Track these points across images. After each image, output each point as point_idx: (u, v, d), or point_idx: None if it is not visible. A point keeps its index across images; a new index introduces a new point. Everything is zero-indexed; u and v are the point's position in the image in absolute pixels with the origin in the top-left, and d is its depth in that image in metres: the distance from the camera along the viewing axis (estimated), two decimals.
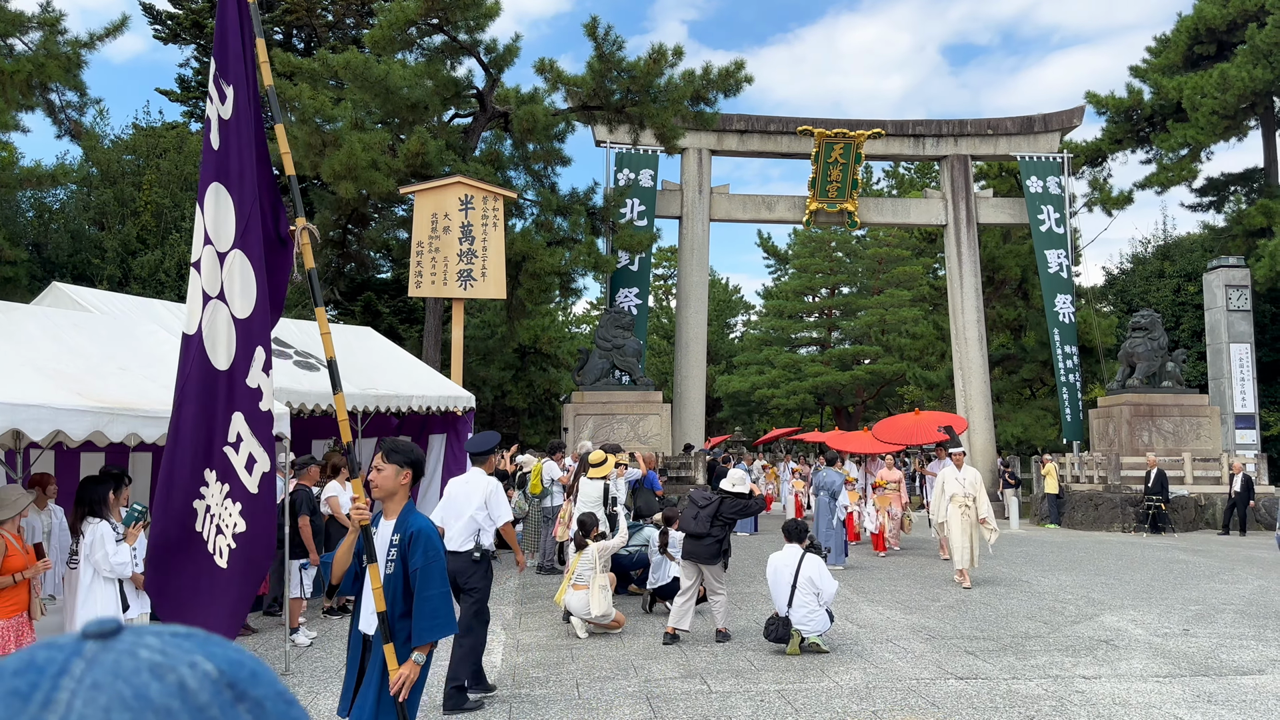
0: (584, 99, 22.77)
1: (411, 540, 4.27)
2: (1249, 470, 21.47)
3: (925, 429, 17.36)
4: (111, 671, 0.61)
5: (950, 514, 12.74)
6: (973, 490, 12.77)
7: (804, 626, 8.43)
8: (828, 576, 8.65)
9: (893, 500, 16.43)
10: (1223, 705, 6.78)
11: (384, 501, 4.45)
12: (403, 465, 4.37)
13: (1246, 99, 27.80)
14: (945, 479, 13.22)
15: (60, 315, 8.14)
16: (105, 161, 21.67)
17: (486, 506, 7.16)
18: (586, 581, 9.37)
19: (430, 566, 4.22)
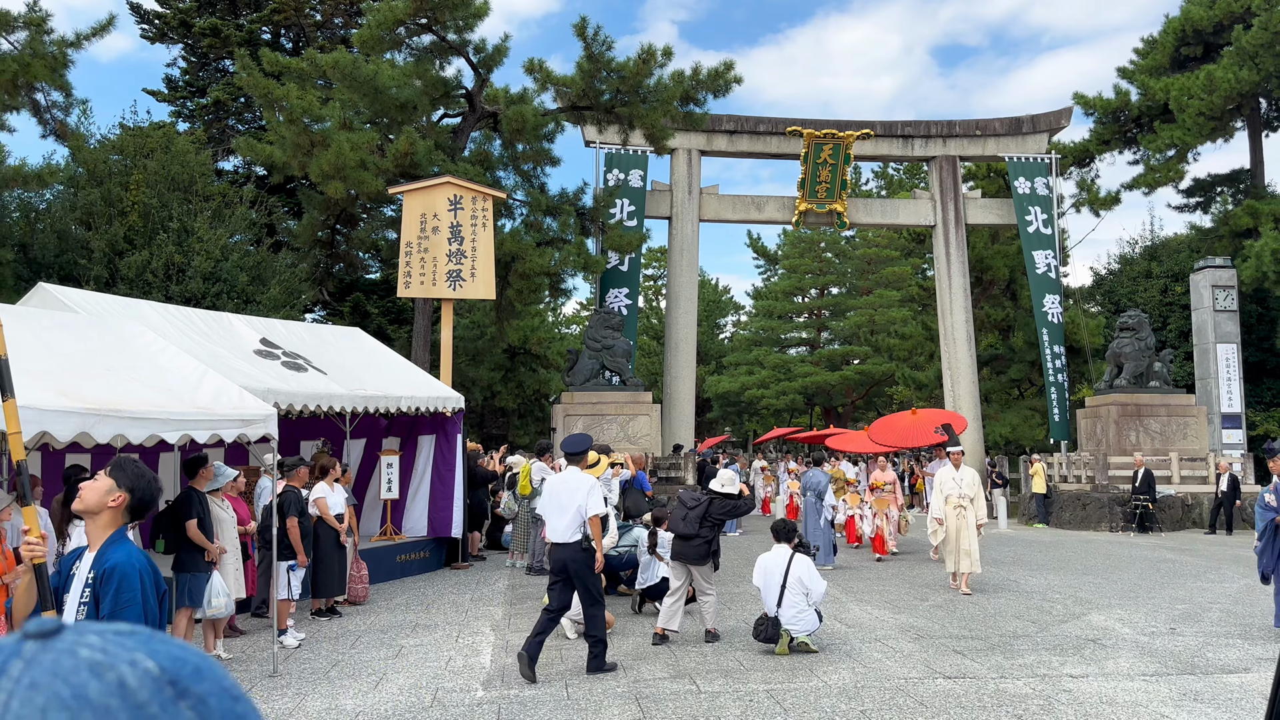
0: (573, 99, 22.75)
1: (104, 579, 3.37)
2: (1235, 470, 21.58)
3: (923, 429, 16.91)
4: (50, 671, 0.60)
5: (946, 515, 12.31)
6: (970, 491, 12.30)
7: (793, 626, 8.41)
8: (816, 576, 8.63)
9: (889, 502, 16.00)
10: (1209, 704, 6.81)
11: (87, 523, 3.60)
12: (120, 486, 3.52)
13: (1233, 100, 27.96)
14: (942, 480, 12.69)
15: (46, 316, 8.10)
16: (92, 162, 21.51)
17: (587, 498, 7.82)
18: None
19: (118, 615, 3.30)
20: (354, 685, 7.58)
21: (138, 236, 20.69)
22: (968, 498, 12.23)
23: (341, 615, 10.59)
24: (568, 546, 7.73)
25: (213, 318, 11.96)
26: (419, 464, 14.49)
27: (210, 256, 20.32)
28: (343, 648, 8.99)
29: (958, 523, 12.09)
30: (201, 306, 19.59)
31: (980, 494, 12.42)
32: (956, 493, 12.32)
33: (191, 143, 23.76)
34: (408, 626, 10.00)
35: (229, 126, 30.25)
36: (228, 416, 7.57)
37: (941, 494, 12.54)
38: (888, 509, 15.80)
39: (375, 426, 14.75)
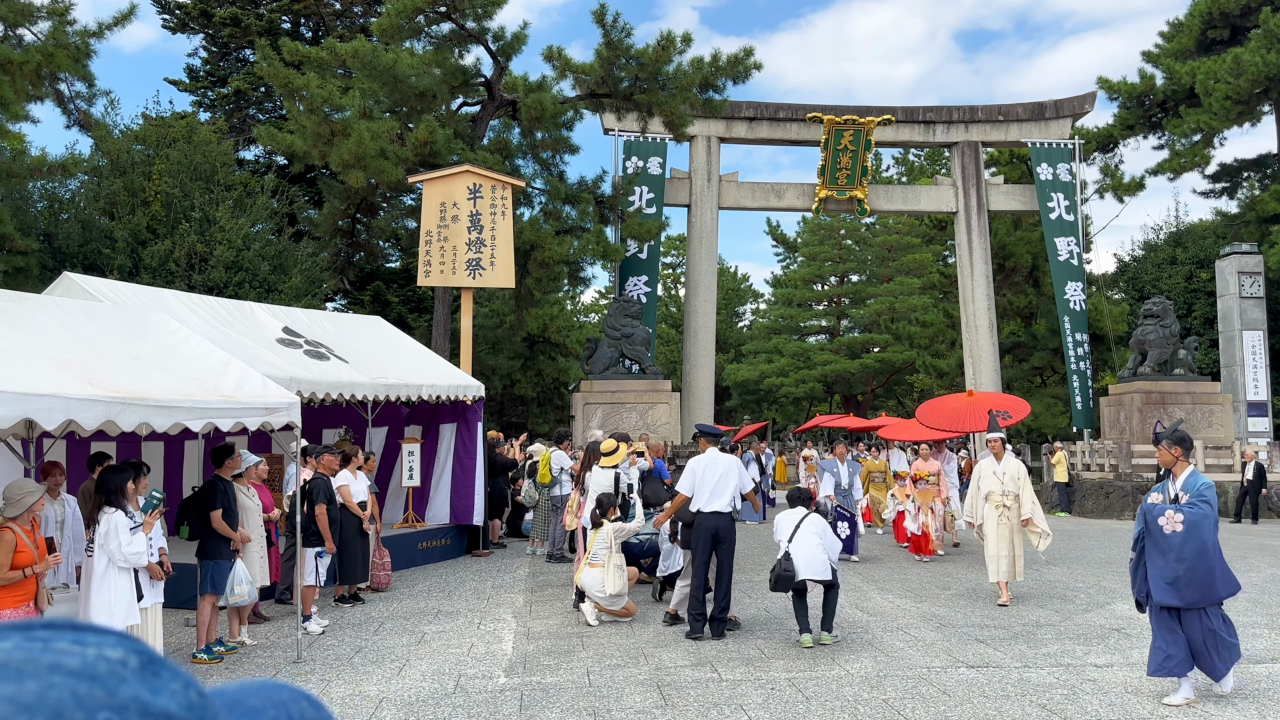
0: (592, 87, 22.70)
1: None
2: (1261, 458, 21.37)
3: (979, 413, 14.74)
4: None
5: (986, 516, 10.66)
6: (1014, 487, 10.62)
7: (807, 569, 8.28)
8: (830, 535, 8.67)
9: (933, 495, 14.19)
10: (1235, 694, 6.75)
11: None
12: None
13: (1260, 84, 27.57)
14: (981, 473, 11.02)
15: (71, 305, 8.16)
16: (115, 152, 21.68)
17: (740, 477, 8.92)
18: (601, 560, 9.43)
19: None
20: (377, 671, 7.63)
21: (160, 226, 20.85)
22: (1012, 495, 10.60)
23: (365, 602, 10.66)
24: (722, 515, 8.71)
25: (235, 306, 12.03)
26: (440, 452, 14.55)
27: (232, 246, 20.45)
28: (366, 634, 9.05)
29: (1000, 525, 10.53)
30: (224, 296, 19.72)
31: (1027, 488, 10.66)
32: (999, 489, 10.66)
33: (213, 132, 23.90)
34: (430, 613, 10.05)
35: (250, 116, 30.38)
36: (251, 405, 7.61)
37: (980, 491, 10.90)
38: (932, 502, 14.07)
39: (397, 415, 14.81)
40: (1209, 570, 6.17)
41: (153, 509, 6.97)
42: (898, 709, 6.46)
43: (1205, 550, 6.16)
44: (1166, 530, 6.20)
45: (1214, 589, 6.24)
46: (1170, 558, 6.25)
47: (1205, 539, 6.16)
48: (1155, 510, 6.41)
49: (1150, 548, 6.42)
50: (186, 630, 9.08)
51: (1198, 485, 6.38)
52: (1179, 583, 6.22)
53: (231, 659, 8.12)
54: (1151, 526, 6.40)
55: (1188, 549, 6.14)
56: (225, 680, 7.36)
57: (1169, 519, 6.17)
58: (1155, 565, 6.38)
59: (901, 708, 6.48)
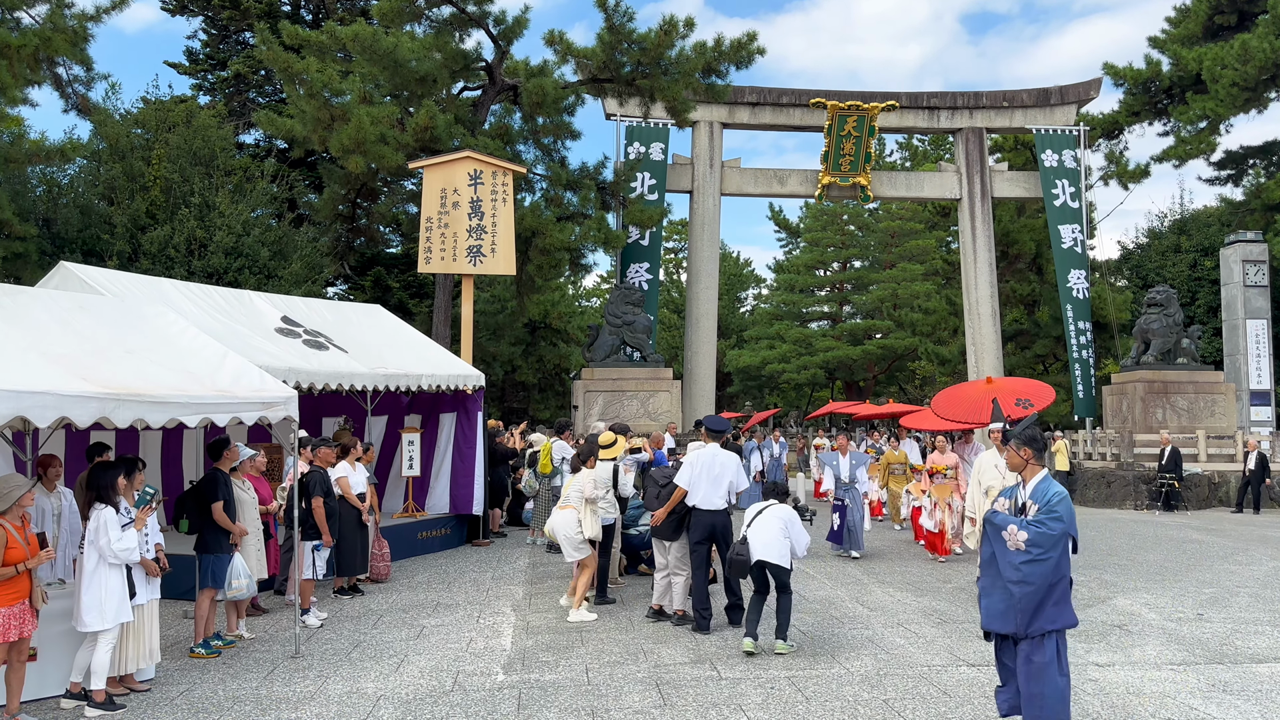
0: (594, 71, 22.52)
1: None
2: (1264, 448, 21.30)
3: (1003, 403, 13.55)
4: None
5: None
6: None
7: (764, 553, 7.94)
8: (800, 528, 8.27)
9: (951, 490, 13.37)
10: (1238, 695, 6.71)
11: None
12: None
13: (1268, 70, 27.32)
14: (982, 466, 10.50)
15: (66, 298, 8.09)
16: (114, 136, 21.56)
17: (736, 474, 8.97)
18: (573, 502, 9.56)
19: None
20: (375, 667, 7.60)
21: (160, 211, 20.76)
22: None
23: (364, 594, 10.63)
24: (718, 513, 8.82)
25: (234, 296, 11.96)
26: (440, 442, 14.50)
27: (232, 231, 20.36)
28: (364, 628, 9.02)
29: None
30: (223, 281, 19.66)
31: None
32: (1000, 483, 9.95)
33: (212, 116, 23.75)
34: (429, 606, 10.02)
35: (249, 100, 30.21)
36: (248, 399, 7.55)
37: (980, 485, 10.37)
38: (950, 498, 13.25)
39: (397, 404, 14.76)
40: (1047, 596, 5.38)
41: (145, 504, 6.91)
42: (898, 710, 6.42)
43: (1049, 575, 5.36)
44: (1010, 546, 5.40)
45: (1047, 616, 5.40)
46: (1010, 577, 5.42)
47: (1051, 562, 5.37)
48: (999, 519, 5.57)
49: (987, 563, 5.63)
50: (184, 623, 9.05)
51: (1049, 496, 5.51)
52: (1012, 608, 5.42)
53: (229, 653, 8.09)
54: (993, 537, 5.58)
55: (1032, 570, 5.35)
56: (224, 674, 7.35)
57: (1012, 535, 5.39)
58: (989, 580, 5.60)
59: (902, 709, 6.45)
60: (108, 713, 6.46)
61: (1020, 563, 5.36)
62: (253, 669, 7.59)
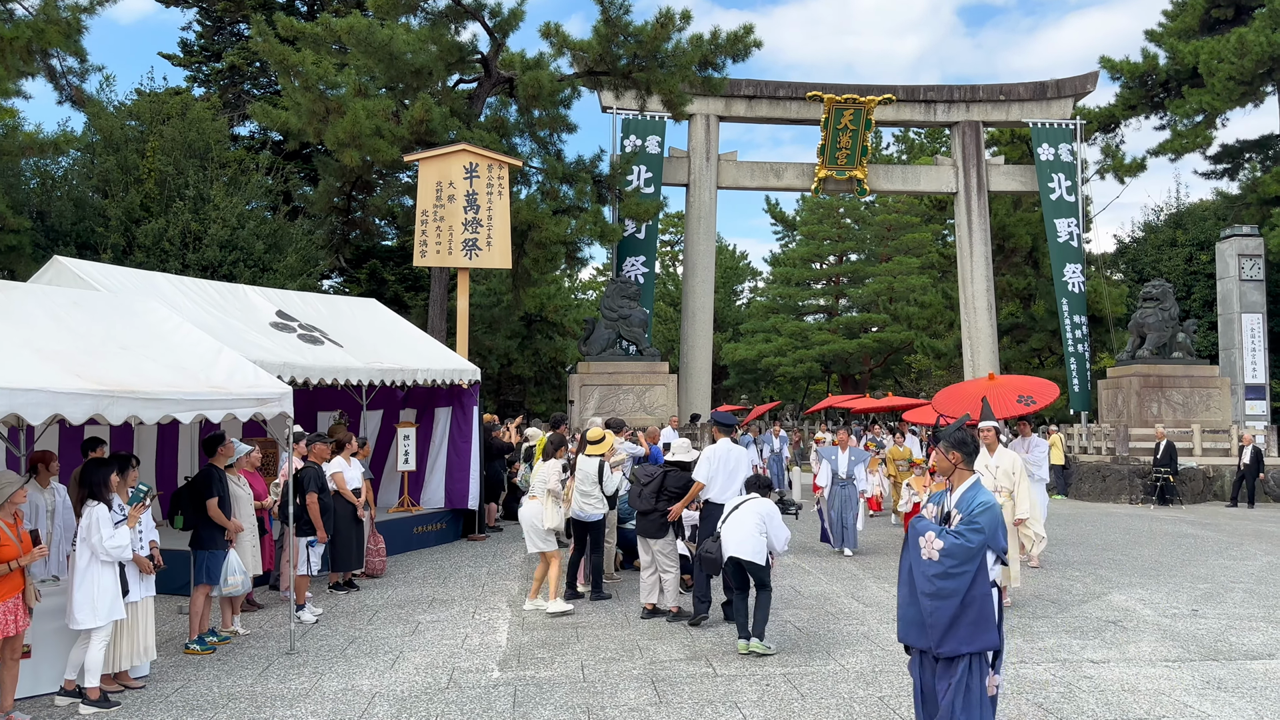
0: (590, 64, 22.46)
1: None
2: (1259, 442, 21.36)
3: (1003, 399, 13.25)
4: None
5: None
6: (1006, 482, 9.77)
7: (739, 550, 7.74)
8: (779, 524, 8.01)
9: None
10: (1232, 692, 6.73)
11: None
12: None
13: (1264, 64, 27.32)
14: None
15: (60, 294, 8.04)
16: (108, 128, 21.44)
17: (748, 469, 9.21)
18: (537, 493, 9.60)
19: None
20: (371, 664, 7.59)
21: (154, 204, 20.66)
22: (1004, 489, 9.78)
23: (359, 589, 10.62)
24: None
25: (229, 290, 11.92)
26: (436, 436, 14.48)
27: (227, 224, 20.28)
28: (360, 623, 9.01)
29: None
30: (218, 275, 19.60)
31: (1024, 484, 9.88)
32: (991, 484, 9.55)
33: (207, 109, 23.64)
34: (425, 601, 10.01)
35: (244, 91, 30.09)
36: (242, 395, 7.52)
37: None
38: None
39: (392, 398, 14.74)
40: (961, 614, 4.88)
41: (138, 501, 6.89)
42: (893, 707, 6.42)
43: (962, 590, 4.87)
44: (924, 554, 4.96)
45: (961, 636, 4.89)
46: (923, 589, 4.97)
47: (966, 576, 4.87)
48: (920, 526, 5.12)
49: (904, 571, 5.16)
50: (179, 619, 9.03)
51: (973, 505, 4.98)
52: (923, 622, 4.97)
53: (224, 649, 8.08)
54: (911, 545, 5.11)
55: (945, 584, 4.88)
56: (218, 671, 7.33)
57: (928, 543, 4.94)
58: (903, 593, 5.15)
59: (897, 706, 6.45)
60: (102, 710, 6.45)
61: (933, 574, 4.89)
62: (248, 665, 7.57)
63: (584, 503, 9.92)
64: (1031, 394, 12.93)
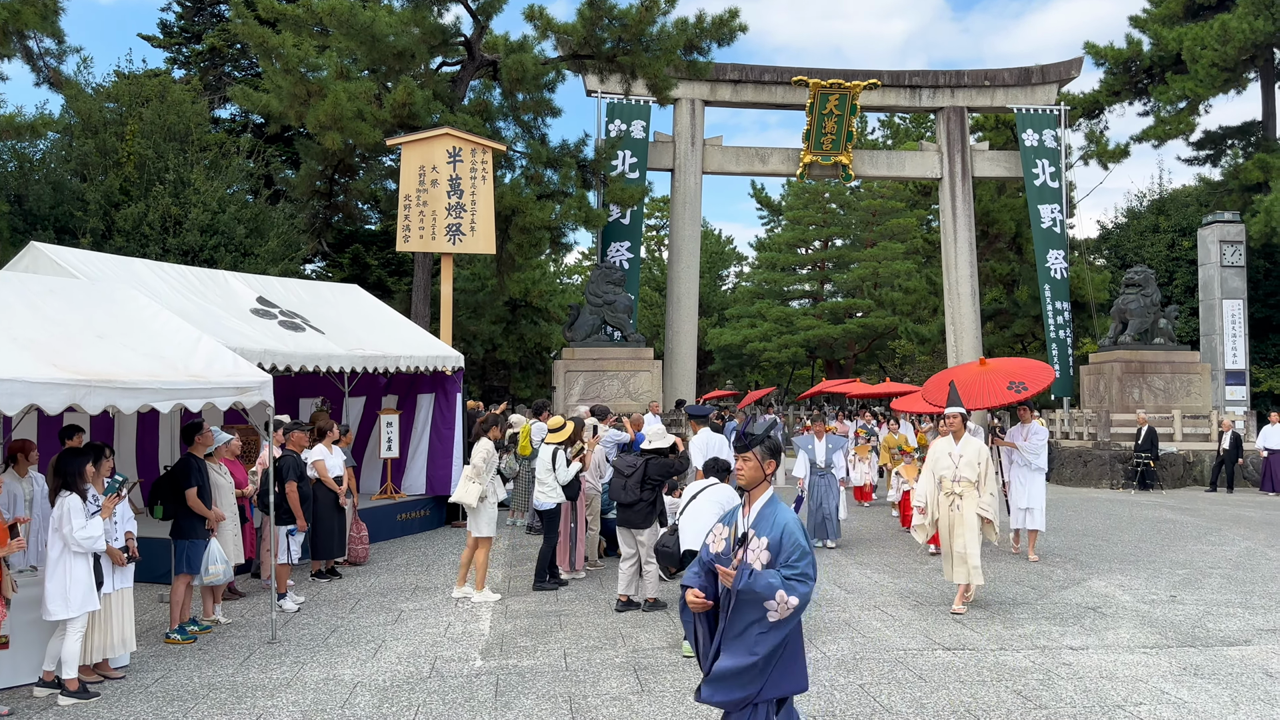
0: (574, 47, 22.31)
1: None
2: (1238, 428, 21.55)
3: (992, 385, 12.18)
4: None
5: (941, 506, 9.21)
6: (969, 473, 9.10)
7: (696, 544, 7.21)
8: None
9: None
10: (1209, 679, 6.79)
11: None
12: None
13: (1247, 51, 27.41)
14: (936, 455, 9.46)
15: (36, 281, 7.95)
16: (86, 111, 21.16)
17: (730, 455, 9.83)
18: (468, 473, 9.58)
19: None
20: (353, 653, 7.58)
21: (134, 188, 20.44)
22: (966, 480, 9.10)
23: (342, 577, 10.59)
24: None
25: (209, 276, 11.82)
26: (418, 422, 14.45)
27: (207, 209, 20.09)
28: (342, 612, 8.99)
29: (950, 516, 9.07)
30: (199, 259, 19.43)
31: (989, 476, 9.17)
32: (952, 473, 9.16)
33: (187, 91, 23.37)
34: (407, 589, 10.00)
35: (225, 74, 29.76)
36: (222, 384, 7.46)
37: (933, 475, 9.40)
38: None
39: (374, 384, 14.68)
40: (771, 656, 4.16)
41: (113, 492, 6.83)
42: (874, 695, 6.46)
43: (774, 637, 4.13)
44: (771, 617, 4.10)
45: (773, 681, 4.20)
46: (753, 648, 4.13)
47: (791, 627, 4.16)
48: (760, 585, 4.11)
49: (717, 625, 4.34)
50: (160, 608, 8.99)
51: (783, 531, 4.17)
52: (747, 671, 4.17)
53: (205, 639, 8.05)
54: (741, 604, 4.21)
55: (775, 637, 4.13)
56: (199, 661, 7.30)
57: (781, 604, 4.06)
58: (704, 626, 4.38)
59: (877, 694, 6.49)
60: (81, 700, 6.42)
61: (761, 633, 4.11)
62: (229, 655, 7.55)
63: (539, 491, 9.88)
64: (1024, 380, 11.92)
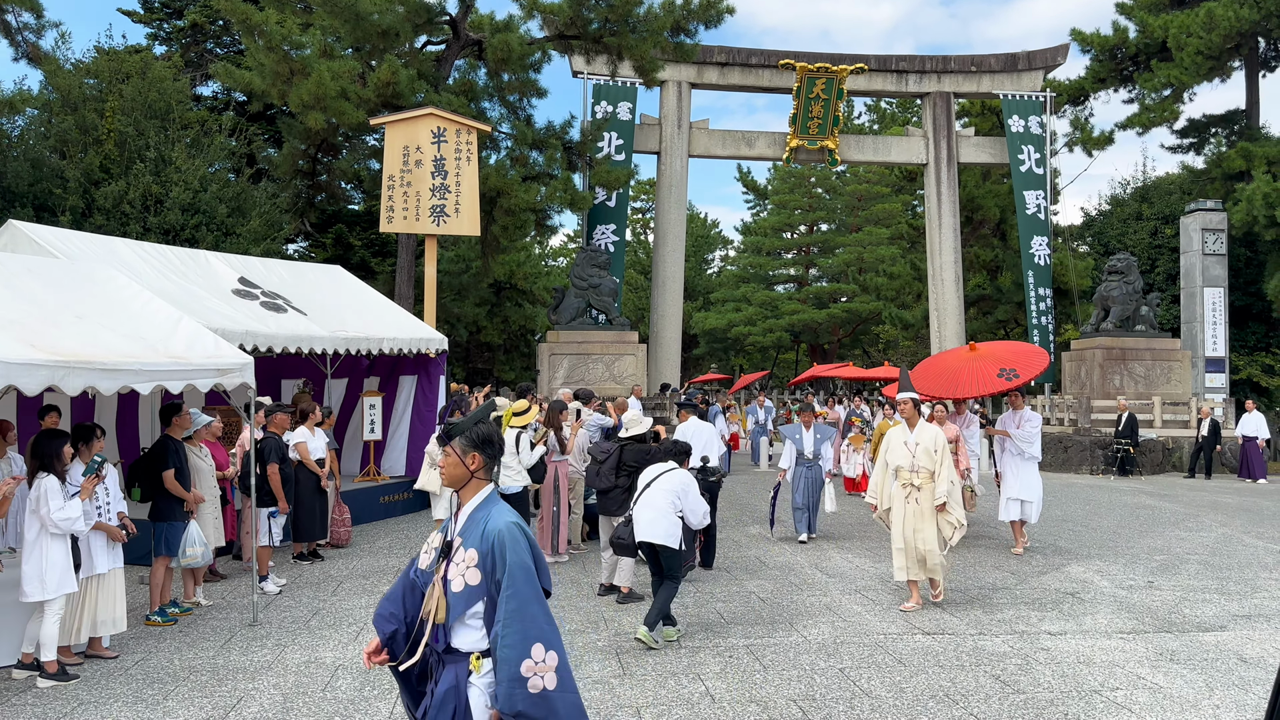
0: (561, 28, 22.16)
1: None
2: (1217, 415, 21.75)
3: (982, 373, 11.49)
4: None
5: (894, 498, 8.60)
6: (927, 462, 8.43)
7: (649, 531, 7.22)
8: (695, 497, 7.51)
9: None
10: (1184, 664, 6.87)
11: None
12: None
13: (1232, 39, 27.49)
14: (890, 444, 8.74)
15: (14, 261, 7.86)
16: (66, 87, 20.88)
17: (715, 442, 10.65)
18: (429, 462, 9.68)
19: None
20: (334, 636, 7.57)
21: (114, 166, 20.20)
22: (924, 470, 8.43)
23: (324, 559, 10.57)
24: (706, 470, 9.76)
25: (190, 256, 11.71)
26: (399, 403, 14.40)
27: (189, 187, 19.89)
28: (324, 594, 8.97)
29: (907, 509, 8.44)
30: (180, 239, 19.25)
31: (946, 463, 8.43)
32: (909, 463, 8.50)
33: (168, 68, 23.08)
34: (390, 572, 9.99)
35: (207, 51, 29.42)
36: (202, 366, 7.41)
37: (887, 467, 8.76)
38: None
39: (357, 366, 14.61)
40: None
41: (92, 473, 6.77)
42: (853, 679, 6.50)
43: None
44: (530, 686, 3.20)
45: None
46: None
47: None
48: (416, 575, 3.55)
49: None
50: (140, 590, 8.95)
51: (495, 542, 3.33)
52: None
53: (186, 621, 8.02)
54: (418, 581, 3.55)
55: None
56: (180, 643, 7.27)
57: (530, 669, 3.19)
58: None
59: (857, 678, 6.53)
60: (60, 683, 6.39)
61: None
62: (209, 637, 7.52)
63: (503, 475, 9.81)
64: (1015, 367, 11.39)
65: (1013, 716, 5.79)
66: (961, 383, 11.37)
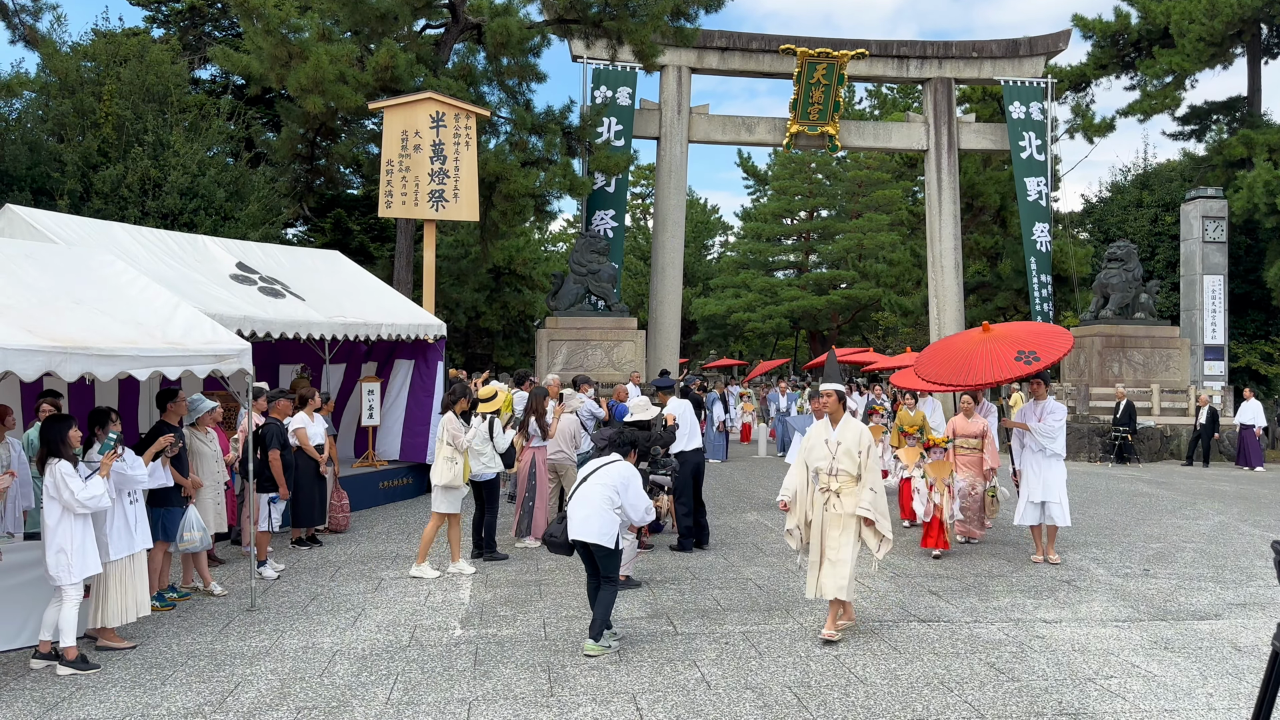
0: (560, 12, 22.05)
1: None
2: (1215, 402, 21.77)
3: (998, 357, 9.80)
4: None
5: (814, 504, 7.30)
6: (848, 464, 7.13)
7: (582, 529, 6.72)
8: (637, 492, 6.96)
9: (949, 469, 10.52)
10: (1179, 652, 6.90)
11: None
12: None
13: (1234, 26, 27.39)
14: (812, 442, 7.40)
15: (11, 246, 7.84)
16: (63, 70, 20.80)
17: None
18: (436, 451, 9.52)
19: None
20: (332, 621, 7.59)
21: (112, 149, 20.15)
22: (845, 473, 7.14)
23: (322, 544, 10.60)
24: (700, 451, 10.71)
25: (188, 241, 11.69)
26: (393, 387, 14.40)
27: (187, 171, 19.84)
28: (322, 579, 9.00)
29: (824, 517, 7.21)
30: (178, 223, 19.22)
31: (872, 467, 7.15)
32: (828, 464, 7.20)
33: (166, 51, 22.98)
34: (388, 557, 10.02)
35: (205, 34, 29.29)
36: (200, 352, 7.40)
37: (805, 466, 7.42)
38: (949, 478, 10.49)
39: (355, 351, 14.61)
40: None
41: (108, 450, 6.76)
42: (849, 666, 6.53)
43: None
44: None
45: None
46: None
47: None
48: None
49: None
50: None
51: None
52: None
53: (184, 606, 8.04)
54: None
55: None
56: (178, 628, 7.30)
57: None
58: None
59: (853, 665, 6.55)
60: (80, 671, 6.36)
61: None
62: (208, 622, 7.55)
63: (475, 462, 9.78)
64: (1035, 349, 9.80)
65: (1007, 704, 5.81)
66: (974, 368, 9.86)
